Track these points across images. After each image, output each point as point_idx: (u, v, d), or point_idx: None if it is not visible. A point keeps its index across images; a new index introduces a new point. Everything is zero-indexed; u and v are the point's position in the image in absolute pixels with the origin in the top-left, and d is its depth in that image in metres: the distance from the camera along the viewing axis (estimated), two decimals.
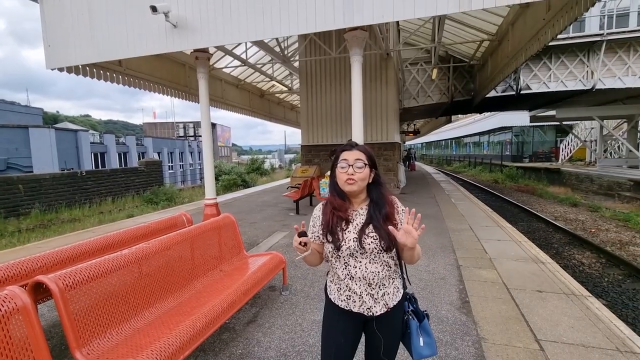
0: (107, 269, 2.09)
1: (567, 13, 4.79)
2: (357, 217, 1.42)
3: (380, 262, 1.39)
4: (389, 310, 1.42)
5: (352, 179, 1.37)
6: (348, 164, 1.39)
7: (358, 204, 1.45)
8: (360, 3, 4.51)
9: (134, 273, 2.29)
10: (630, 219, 9.49)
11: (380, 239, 1.36)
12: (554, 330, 2.67)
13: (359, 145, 1.46)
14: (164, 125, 52.15)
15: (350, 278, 1.39)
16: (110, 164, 25.99)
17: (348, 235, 1.39)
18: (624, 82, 11.71)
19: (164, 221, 3.83)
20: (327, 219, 1.42)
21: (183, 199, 16.93)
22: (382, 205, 1.41)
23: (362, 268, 1.38)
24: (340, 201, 1.43)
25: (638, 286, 5.55)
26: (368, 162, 1.40)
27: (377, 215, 1.39)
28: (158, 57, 8.32)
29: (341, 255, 1.39)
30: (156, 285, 2.43)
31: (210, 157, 6.69)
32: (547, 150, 26.18)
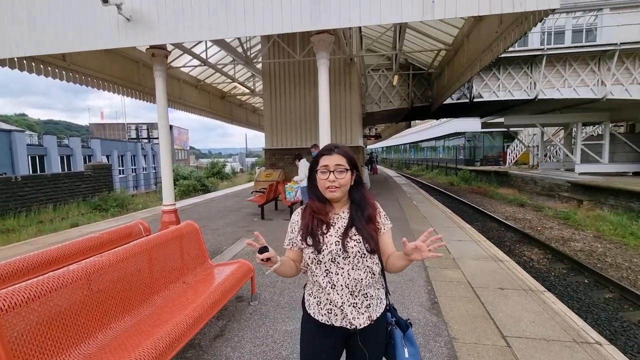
0: (50, 287, 1.81)
1: (517, 27, 5.15)
2: (339, 220, 1.36)
3: (364, 269, 1.32)
4: (373, 323, 1.34)
5: (334, 187, 1.32)
6: (329, 170, 1.32)
7: (339, 207, 1.39)
8: (328, 6, 4.50)
9: (83, 291, 2.02)
10: (569, 217, 10.45)
11: (364, 240, 1.30)
12: (518, 326, 2.79)
13: (339, 148, 1.38)
14: (114, 126, 48.75)
15: (332, 287, 1.31)
16: (51, 167, 23.65)
17: (329, 239, 1.32)
18: (561, 93, 12.95)
19: (119, 230, 3.48)
20: (306, 222, 1.36)
21: (136, 205, 15.85)
22: (365, 207, 1.36)
23: (344, 275, 1.31)
24: (319, 205, 1.37)
25: (580, 279, 6.08)
26: (349, 166, 1.34)
27: (360, 216, 1.34)
28: (108, 52, 7.72)
29: (322, 261, 1.32)
30: (110, 303, 2.17)
31: (169, 161, 6.29)
32: (496, 154, 28.21)
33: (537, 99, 13.03)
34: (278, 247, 4.59)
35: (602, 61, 12.54)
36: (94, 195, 15.67)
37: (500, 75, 13.26)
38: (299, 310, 3.13)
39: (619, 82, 12.55)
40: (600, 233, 8.77)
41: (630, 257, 6.96)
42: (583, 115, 15.44)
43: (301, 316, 1.46)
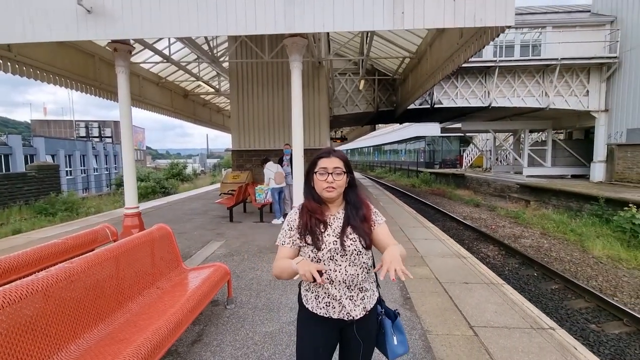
0: (16, 297, 1.67)
1: (476, 40, 5.56)
2: (335, 220, 1.43)
3: (360, 264, 1.41)
4: (367, 314, 1.43)
5: (331, 187, 1.39)
6: (327, 172, 1.39)
7: (335, 208, 1.46)
8: (302, 10, 4.55)
9: (53, 299, 1.88)
10: (519, 216, 11.37)
11: (360, 238, 1.39)
12: (483, 316, 3.03)
13: (336, 152, 1.46)
14: (60, 123, 44.85)
15: (330, 282, 1.39)
16: None
17: (327, 238, 1.39)
18: (511, 102, 14.08)
19: (84, 235, 3.25)
20: (304, 221, 1.42)
21: (88, 208, 14.73)
22: (359, 206, 1.45)
23: (341, 271, 1.38)
24: (315, 205, 1.43)
25: (530, 272, 6.65)
26: (345, 169, 1.42)
27: (355, 215, 1.42)
28: (61, 44, 7.15)
29: (321, 259, 1.38)
30: (81, 311, 2.04)
31: (132, 161, 5.96)
32: (453, 158, 29.91)
33: (490, 106, 14.04)
34: (250, 249, 4.57)
35: (546, 74, 13.83)
36: (39, 198, 14.37)
37: (458, 84, 14.12)
38: (277, 311, 3.16)
39: (559, 94, 13.91)
40: (546, 230, 9.66)
41: (571, 252, 7.74)
42: (530, 122, 16.88)
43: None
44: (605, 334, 4.43)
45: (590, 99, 13.87)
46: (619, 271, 6.47)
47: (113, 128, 44.57)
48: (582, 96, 13.92)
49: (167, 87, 12.57)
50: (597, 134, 13.99)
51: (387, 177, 32.90)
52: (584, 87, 13.91)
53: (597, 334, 4.43)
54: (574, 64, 13.40)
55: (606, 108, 13.70)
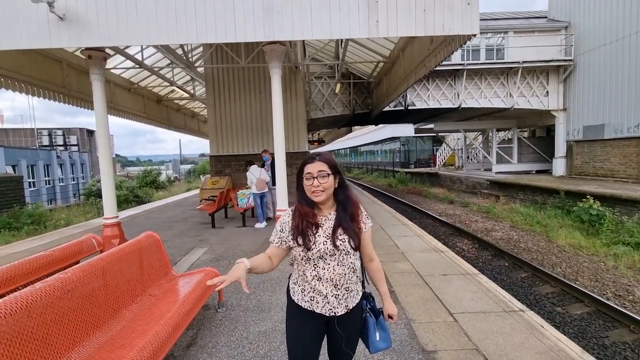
0: (17, 307, 1.70)
1: (446, 47, 5.92)
2: (327, 221, 1.50)
3: (348, 265, 1.49)
4: (349, 311, 1.52)
5: (318, 191, 1.45)
6: (312, 177, 1.45)
7: (326, 210, 1.53)
8: (281, 18, 4.69)
9: (53, 308, 1.91)
10: (490, 211, 12.00)
11: (350, 238, 1.46)
12: (461, 304, 3.27)
13: (321, 155, 1.52)
14: (20, 132, 42.19)
15: (318, 279, 1.47)
16: None
17: (319, 239, 1.46)
18: (479, 102, 14.84)
19: (69, 247, 3.20)
20: (296, 223, 1.48)
21: (57, 221, 14.06)
22: (349, 205, 1.52)
23: (330, 270, 1.46)
24: (307, 209, 1.49)
25: (502, 263, 7.09)
26: (331, 171, 1.47)
27: (345, 215, 1.50)
28: (26, 50, 6.88)
29: (311, 258, 1.46)
30: (79, 320, 2.06)
31: (110, 170, 5.85)
32: (427, 157, 30.91)
33: (460, 107, 14.73)
34: (236, 253, 4.65)
35: (510, 76, 14.69)
36: (1, 211, 13.56)
37: (430, 86, 14.72)
38: (269, 311, 3.27)
39: (522, 95, 14.81)
40: (515, 223, 10.27)
41: (537, 242, 8.31)
42: (497, 122, 17.81)
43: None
44: (569, 315, 4.85)
45: (550, 99, 14.87)
46: (579, 258, 7.04)
47: (79, 135, 42.48)
48: (543, 96, 14.90)
49: (140, 92, 12.28)
50: (557, 131, 15.00)
51: (364, 178, 33.49)
52: (544, 88, 14.89)
53: (562, 315, 4.84)
54: (534, 66, 14.33)
55: (564, 107, 14.74)
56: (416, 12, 4.71)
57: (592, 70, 13.33)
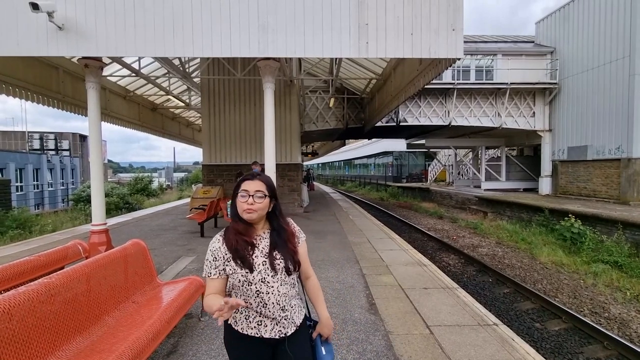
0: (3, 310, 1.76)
1: (433, 68, 6.18)
2: (262, 241, 1.46)
3: (290, 283, 1.46)
4: (298, 328, 1.48)
5: (251, 209, 1.39)
6: (248, 194, 1.40)
7: (260, 229, 1.49)
8: (275, 36, 4.88)
9: (35, 312, 1.96)
10: (477, 227, 12.20)
11: (286, 261, 1.43)
12: (438, 316, 3.37)
13: (261, 176, 1.49)
14: (10, 134, 41.71)
15: (264, 305, 1.39)
16: None
17: (257, 260, 1.41)
18: (469, 121, 15.26)
19: (55, 252, 3.24)
20: (232, 244, 1.40)
21: (43, 226, 13.84)
22: (282, 233, 1.49)
23: (274, 293, 1.40)
24: (243, 226, 1.43)
25: (486, 278, 7.22)
26: (268, 193, 1.44)
27: (280, 241, 1.46)
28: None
29: (253, 282, 1.38)
30: (60, 325, 2.11)
31: (100, 176, 5.88)
32: (419, 172, 31.34)
33: (450, 125, 15.12)
34: None
35: (498, 96, 15.18)
36: None
37: (421, 104, 15.11)
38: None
39: (510, 115, 15.28)
40: (500, 239, 10.46)
41: (521, 259, 8.48)
42: (486, 140, 18.27)
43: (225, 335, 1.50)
44: (547, 330, 4.97)
45: (537, 120, 15.36)
46: (561, 275, 7.20)
47: (71, 140, 42.11)
48: (530, 117, 15.38)
49: (135, 100, 12.37)
50: (543, 151, 15.44)
51: (357, 190, 33.68)
52: (530, 109, 15.39)
53: (541, 331, 4.96)
54: (522, 88, 14.85)
55: (550, 128, 15.22)
56: (404, 35, 4.95)
57: (575, 94, 13.87)
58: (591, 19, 13.13)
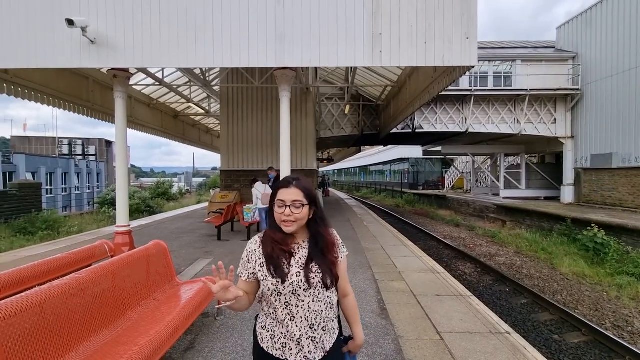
0: (39, 300, 1.94)
1: (448, 76, 6.21)
2: (300, 250, 1.35)
3: (324, 300, 1.32)
4: (327, 354, 1.34)
5: (289, 222, 1.29)
6: (285, 205, 1.29)
7: (300, 237, 1.38)
8: (291, 47, 5.06)
9: (67, 305, 2.14)
10: (495, 235, 11.93)
11: (324, 274, 1.31)
12: (449, 323, 3.38)
13: (298, 182, 1.35)
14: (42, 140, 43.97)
15: (292, 319, 1.29)
16: None
17: (291, 270, 1.30)
18: (486, 128, 15.02)
19: (84, 250, 3.47)
20: (268, 251, 1.32)
21: (70, 227, 14.50)
22: (322, 243, 1.36)
23: (304, 307, 1.29)
24: (281, 235, 1.34)
25: (503, 288, 7.07)
26: (307, 201, 1.31)
27: (318, 251, 1.35)
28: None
29: (282, 293, 1.28)
30: (89, 317, 2.29)
31: (125, 180, 6.19)
32: (436, 179, 30.89)
33: (467, 132, 14.93)
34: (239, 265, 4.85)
35: (517, 103, 14.89)
36: (19, 216, 14.10)
37: (438, 110, 15.02)
38: None
39: (530, 121, 14.96)
40: (519, 249, 10.20)
41: (540, 269, 8.24)
42: (505, 147, 17.89)
43: None
44: (565, 343, 4.83)
45: (558, 127, 14.95)
46: (582, 286, 6.97)
47: (97, 146, 43.98)
48: (551, 124, 15.00)
49: (158, 108, 12.89)
50: (565, 158, 14.99)
51: (372, 197, 33.52)
52: (551, 116, 15.01)
53: (559, 343, 4.83)
54: (542, 94, 14.53)
55: (572, 135, 14.78)
56: (417, 44, 5.03)
57: (599, 100, 13.45)
58: (616, 23, 12.77)
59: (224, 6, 5.10)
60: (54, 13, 5.08)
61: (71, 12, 5.00)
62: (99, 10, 5.12)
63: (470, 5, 5.02)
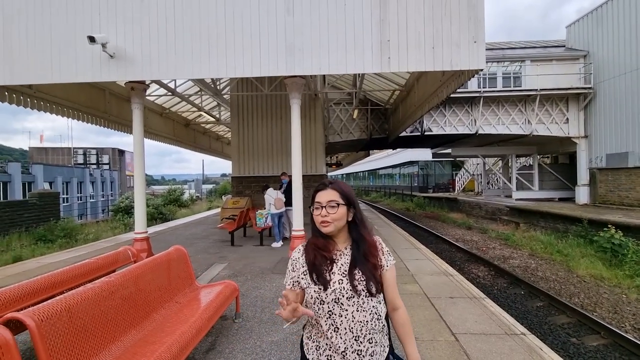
0: (78, 301, 2.08)
1: (456, 79, 6.26)
2: (342, 257, 1.34)
3: (369, 310, 1.27)
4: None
5: (326, 222, 1.30)
6: (321, 206, 1.31)
7: (341, 244, 1.37)
8: (301, 55, 5.20)
9: (100, 307, 2.27)
10: (508, 238, 11.80)
11: (367, 280, 1.28)
12: (464, 325, 3.41)
13: (334, 184, 1.36)
14: (58, 150, 45.23)
15: (335, 330, 1.26)
16: None
17: (333, 277, 1.29)
18: (496, 129, 14.91)
19: (110, 256, 3.64)
20: (311, 258, 1.33)
21: (86, 235, 14.87)
22: (363, 245, 1.34)
23: (348, 317, 1.26)
24: (323, 241, 1.35)
25: (517, 291, 7.01)
26: (342, 201, 1.31)
27: (360, 256, 1.32)
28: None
29: (325, 301, 1.27)
30: (120, 319, 2.42)
31: (142, 187, 6.39)
32: (446, 182, 30.64)
33: (477, 133, 14.84)
34: (253, 270, 4.98)
35: (527, 103, 14.76)
36: (39, 225, 14.54)
37: (446, 113, 14.99)
38: (281, 324, 3.54)
39: (541, 122, 14.79)
40: (534, 251, 10.07)
41: (556, 271, 8.13)
42: (516, 148, 17.70)
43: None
44: (584, 346, 4.78)
45: (571, 126, 14.74)
46: (600, 289, 6.86)
47: (111, 155, 45.02)
48: (563, 123, 14.80)
49: (170, 117, 13.23)
50: (579, 158, 14.74)
51: (382, 201, 33.40)
52: (563, 115, 14.82)
53: (577, 347, 4.77)
54: (553, 94, 14.37)
55: (586, 134, 14.55)
56: (425, 49, 5.11)
57: (613, 98, 13.24)
58: (627, 21, 12.60)
59: (236, 18, 5.28)
60: (75, 30, 5.34)
61: (92, 29, 5.25)
62: (118, 26, 5.36)
63: (477, 10, 5.09)
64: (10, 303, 2.42)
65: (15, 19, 5.44)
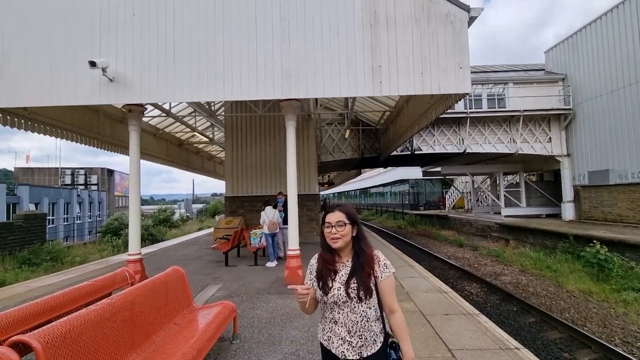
0: (81, 324, 2.10)
1: (444, 102, 6.57)
2: (344, 268, 1.65)
3: (360, 313, 1.58)
4: (362, 359, 1.57)
5: (335, 238, 1.62)
6: (331, 225, 1.63)
7: (345, 257, 1.68)
8: (297, 80, 5.42)
9: (101, 329, 2.29)
10: (499, 254, 11.97)
11: (358, 288, 1.56)
12: (460, 341, 3.47)
13: (341, 206, 1.69)
14: (45, 170, 44.40)
15: (334, 322, 1.62)
16: None
17: (334, 285, 1.61)
18: (483, 148, 15.38)
19: (107, 278, 3.62)
20: (319, 268, 1.68)
21: (73, 257, 14.47)
22: (362, 257, 1.63)
23: (344, 315, 1.59)
24: (329, 256, 1.67)
25: (510, 307, 7.09)
26: (348, 221, 1.64)
27: (357, 265, 1.62)
28: None
29: (327, 302, 1.62)
30: (121, 340, 2.43)
31: (137, 208, 6.38)
32: (437, 199, 31.02)
33: (465, 152, 15.27)
34: (248, 291, 5.00)
35: (512, 123, 15.34)
36: (23, 248, 14.13)
37: (435, 132, 15.44)
38: (279, 344, 3.56)
39: (525, 141, 15.34)
40: (524, 267, 10.23)
41: (547, 287, 8.27)
42: (503, 166, 18.20)
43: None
44: None
45: (554, 145, 15.32)
46: (589, 303, 7.00)
47: (99, 175, 44.37)
48: (546, 142, 15.38)
49: (163, 137, 13.29)
50: (563, 176, 15.24)
51: (374, 219, 33.50)
52: (546, 134, 15.42)
53: None
54: (535, 114, 15.00)
55: (568, 153, 15.12)
56: (414, 74, 5.40)
57: (592, 119, 13.89)
58: (601, 46, 13.42)
59: (234, 44, 5.51)
60: (76, 55, 5.47)
61: (92, 54, 5.40)
62: (118, 51, 5.53)
63: (462, 38, 5.44)
64: (13, 326, 2.41)
65: (15, 43, 5.56)
